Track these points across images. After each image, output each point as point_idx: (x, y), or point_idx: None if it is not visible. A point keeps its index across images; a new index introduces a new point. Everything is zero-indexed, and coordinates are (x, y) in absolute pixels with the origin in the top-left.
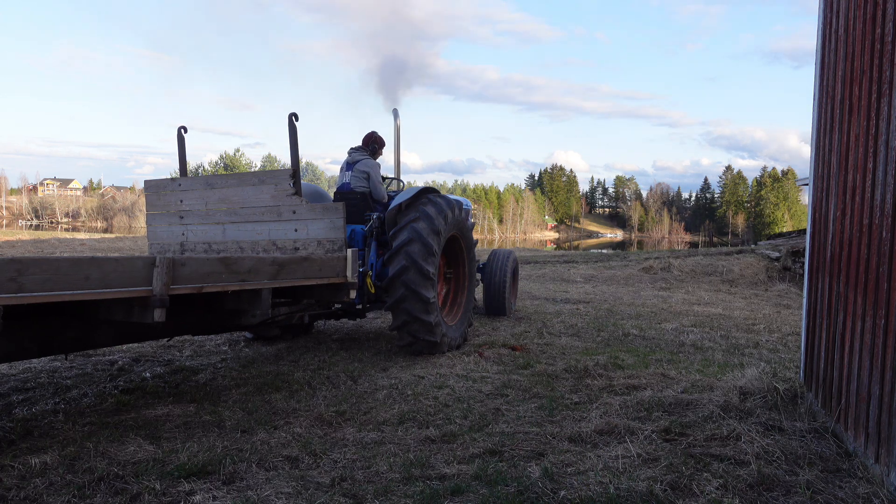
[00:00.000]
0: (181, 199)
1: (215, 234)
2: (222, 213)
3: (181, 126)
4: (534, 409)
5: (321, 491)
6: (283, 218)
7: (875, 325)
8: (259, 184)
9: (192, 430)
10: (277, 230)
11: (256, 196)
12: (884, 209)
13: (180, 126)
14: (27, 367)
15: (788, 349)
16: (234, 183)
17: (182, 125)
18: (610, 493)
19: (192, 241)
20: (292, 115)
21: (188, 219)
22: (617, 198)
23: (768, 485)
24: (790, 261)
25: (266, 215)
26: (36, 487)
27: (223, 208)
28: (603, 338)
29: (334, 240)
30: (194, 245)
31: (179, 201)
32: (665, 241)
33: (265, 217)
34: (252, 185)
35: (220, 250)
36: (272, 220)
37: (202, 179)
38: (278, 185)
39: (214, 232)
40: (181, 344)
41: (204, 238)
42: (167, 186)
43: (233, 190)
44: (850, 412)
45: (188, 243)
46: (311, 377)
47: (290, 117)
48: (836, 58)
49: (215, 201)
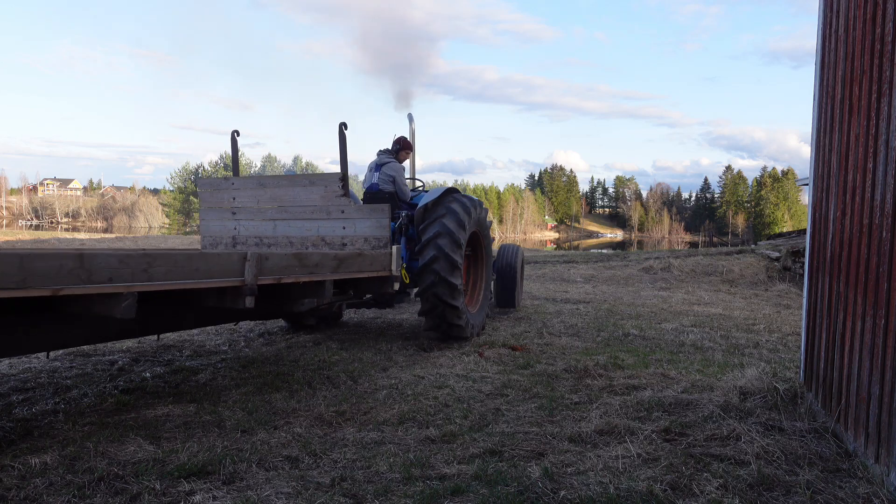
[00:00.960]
0: (234, 196)
1: (266, 230)
2: (273, 210)
3: (234, 130)
4: (534, 409)
5: (321, 491)
6: (331, 217)
7: (875, 325)
8: (309, 185)
9: (192, 430)
10: (326, 227)
11: (307, 196)
12: (884, 209)
13: (234, 130)
14: (27, 367)
15: (788, 349)
16: (285, 183)
17: (235, 129)
18: (610, 493)
19: (243, 236)
20: (342, 125)
21: (240, 214)
22: (617, 198)
23: (768, 485)
24: (790, 261)
25: (315, 214)
26: (36, 487)
27: (274, 206)
28: (603, 338)
29: (380, 237)
30: (245, 239)
31: (232, 199)
32: (665, 241)
33: (314, 215)
34: (303, 186)
35: (270, 244)
36: (321, 218)
37: (255, 179)
38: (328, 187)
39: (265, 227)
40: (181, 344)
41: (255, 233)
42: (221, 185)
43: (284, 189)
44: (850, 412)
45: (239, 237)
46: (311, 377)
47: (340, 127)
48: (836, 58)
49: (266, 199)
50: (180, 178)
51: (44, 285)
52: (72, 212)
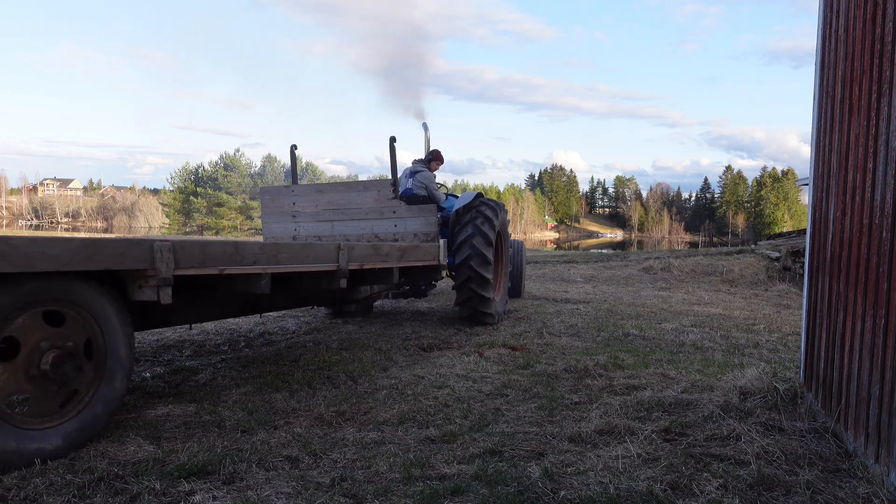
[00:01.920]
0: (294, 202)
1: (323, 230)
2: (330, 212)
3: (293, 144)
4: (534, 409)
5: (321, 491)
6: (384, 217)
7: (875, 325)
8: (364, 190)
9: (192, 430)
10: (379, 226)
11: (361, 200)
12: (884, 209)
13: (292, 145)
14: None
15: (788, 349)
16: (341, 189)
17: (294, 143)
18: (610, 493)
19: (302, 236)
20: (392, 138)
21: (299, 217)
22: (617, 198)
23: (768, 485)
24: (790, 261)
25: (370, 214)
26: (36, 487)
27: (331, 209)
28: (603, 338)
29: (428, 233)
30: (305, 238)
31: (292, 203)
32: (665, 241)
33: (368, 216)
34: (358, 191)
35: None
36: (374, 218)
37: (313, 187)
38: (381, 192)
39: (323, 228)
40: (181, 344)
41: (313, 233)
42: (282, 192)
43: (340, 195)
44: (850, 412)
45: (299, 237)
46: (311, 377)
47: (390, 140)
48: (836, 58)
49: (324, 204)
50: (180, 178)
51: (214, 266)
52: (72, 212)
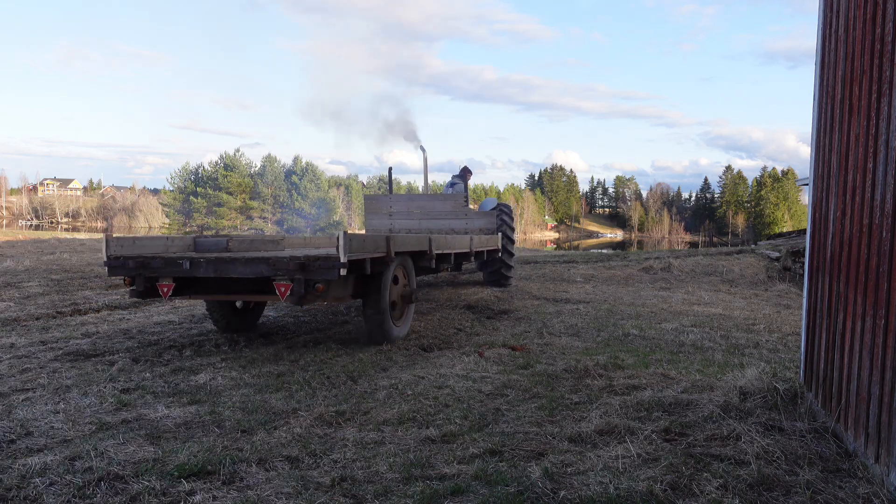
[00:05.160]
0: (391, 205)
1: (413, 225)
2: (418, 213)
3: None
4: (534, 409)
5: (321, 491)
6: (458, 217)
7: (875, 325)
8: (444, 200)
9: (192, 430)
10: (454, 223)
11: (442, 205)
12: (884, 209)
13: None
14: (27, 367)
15: (788, 349)
16: (428, 198)
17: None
18: (610, 493)
19: (396, 229)
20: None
21: (395, 217)
22: (617, 198)
23: (768, 485)
24: (790, 261)
25: (447, 216)
26: (36, 487)
27: (419, 210)
28: (603, 338)
29: (490, 228)
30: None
31: (390, 206)
32: (665, 241)
33: (446, 217)
34: (440, 200)
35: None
36: (450, 217)
37: (406, 195)
38: (455, 201)
39: (412, 224)
40: (181, 344)
41: (405, 227)
42: (381, 199)
43: (426, 201)
44: (850, 412)
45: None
46: (311, 377)
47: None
48: (836, 58)
49: (414, 207)
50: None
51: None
52: (72, 212)
